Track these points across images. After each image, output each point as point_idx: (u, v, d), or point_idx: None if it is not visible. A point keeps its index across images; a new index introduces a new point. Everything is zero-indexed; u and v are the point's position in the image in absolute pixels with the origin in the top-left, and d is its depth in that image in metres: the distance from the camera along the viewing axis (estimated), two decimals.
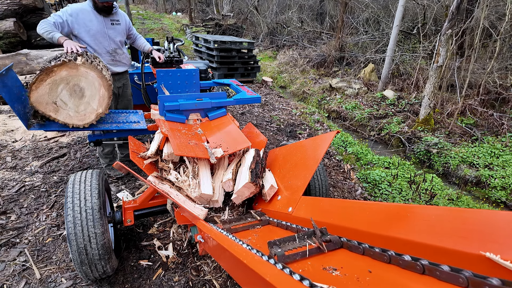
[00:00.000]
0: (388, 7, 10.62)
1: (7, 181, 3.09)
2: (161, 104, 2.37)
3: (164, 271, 2.18)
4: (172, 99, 2.44)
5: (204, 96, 2.56)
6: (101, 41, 2.82)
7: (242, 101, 2.82)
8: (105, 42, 2.85)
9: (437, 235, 0.95)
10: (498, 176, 4.64)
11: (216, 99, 2.58)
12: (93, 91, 2.33)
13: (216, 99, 2.58)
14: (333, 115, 7.33)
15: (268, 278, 0.74)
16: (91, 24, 2.73)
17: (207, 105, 2.50)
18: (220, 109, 2.60)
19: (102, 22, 2.79)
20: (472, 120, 6.30)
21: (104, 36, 2.83)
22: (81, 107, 2.34)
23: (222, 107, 2.61)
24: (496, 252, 0.80)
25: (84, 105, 2.35)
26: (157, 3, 25.21)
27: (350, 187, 3.74)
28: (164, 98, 2.43)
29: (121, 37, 2.98)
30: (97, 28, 2.77)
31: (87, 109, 2.36)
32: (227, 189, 1.99)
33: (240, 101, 2.80)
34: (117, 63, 3.00)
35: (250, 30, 14.43)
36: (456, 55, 7.25)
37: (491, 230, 0.85)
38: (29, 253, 2.26)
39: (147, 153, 2.30)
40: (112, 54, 2.93)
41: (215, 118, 2.55)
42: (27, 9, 6.51)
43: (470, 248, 0.86)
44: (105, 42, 2.85)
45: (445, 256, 0.90)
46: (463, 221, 0.93)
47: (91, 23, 2.73)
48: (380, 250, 1.00)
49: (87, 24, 2.71)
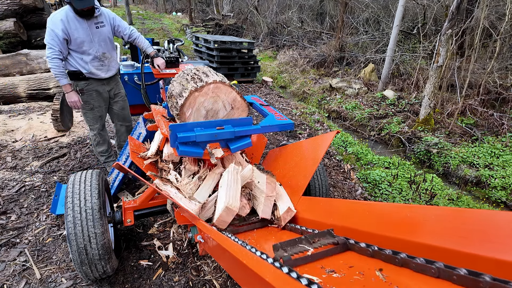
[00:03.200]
0: (388, 7, 10.62)
1: (7, 181, 3.09)
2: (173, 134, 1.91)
3: (164, 271, 2.18)
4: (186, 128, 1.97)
5: (225, 123, 2.06)
6: (88, 48, 2.69)
7: (272, 128, 2.30)
8: (92, 48, 2.72)
9: (437, 235, 0.95)
10: (498, 176, 4.64)
11: (240, 127, 2.08)
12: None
13: (240, 126, 2.09)
14: (333, 115, 7.33)
15: (267, 279, 0.74)
16: (77, 33, 2.59)
17: (229, 135, 2.04)
18: (245, 138, 2.11)
19: (86, 28, 2.65)
20: (472, 120, 6.29)
21: (91, 42, 2.69)
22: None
23: (247, 136, 2.13)
24: (496, 252, 0.79)
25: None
26: (157, 3, 25.22)
27: (350, 187, 3.74)
28: (177, 128, 1.94)
29: (108, 40, 2.85)
30: (83, 35, 2.63)
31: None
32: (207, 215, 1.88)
33: (269, 129, 2.28)
34: (105, 68, 2.87)
35: (250, 30, 14.43)
36: (456, 55, 7.25)
37: (491, 230, 0.85)
38: (29, 253, 2.26)
39: (147, 153, 2.30)
40: (100, 59, 2.80)
41: (238, 151, 2.11)
42: (27, 9, 6.52)
43: (470, 248, 0.86)
44: (92, 48, 2.72)
45: (445, 256, 0.90)
46: (463, 221, 0.93)
47: (76, 31, 2.59)
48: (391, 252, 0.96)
49: (73, 33, 2.58)
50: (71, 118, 4.38)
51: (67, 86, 2.66)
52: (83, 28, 2.63)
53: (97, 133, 3.07)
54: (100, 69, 2.83)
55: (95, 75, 2.81)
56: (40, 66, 5.71)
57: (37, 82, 5.24)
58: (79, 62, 2.71)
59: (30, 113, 4.75)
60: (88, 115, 2.97)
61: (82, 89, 2.80)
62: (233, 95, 2.12)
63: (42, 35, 6.83)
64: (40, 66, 5.71)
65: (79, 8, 2.50)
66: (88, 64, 2.74)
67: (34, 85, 5.22)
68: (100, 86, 2.91)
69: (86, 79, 2.80)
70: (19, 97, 5.18)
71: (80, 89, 2.80)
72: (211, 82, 1.99)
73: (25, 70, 5.66)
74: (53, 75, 2.63)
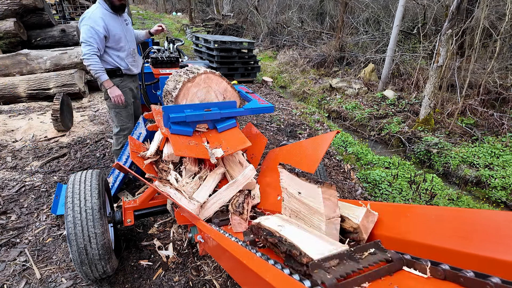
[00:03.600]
0: (388, 7, 10.62)
1: (7, 181, 3.09)
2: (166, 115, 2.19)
3: (164, 271, 2.18)
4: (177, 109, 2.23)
5: (212, 106, 2.33)
6: (124, 44, 2.72)
7: (254, 111, 2.58)
8: (126, 44, 2.76)
9: (437, 235, 0.95)
10: (498, 176, 4.64)
11: (226, 109, 2.35)
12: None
13: (225, 109, 2.35)
14: (333, 115, 7.33)
15: (267, 279, 0.74)
16: (115, 29, 2.62)
17: (216, 116, 2.29)
18: (230, 119, 2.38)
19: (120, 25, 2.69)
20: (472, 120, 6.29)
21: (125, 38, 2.73)
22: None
23: (232, 117, 2.39)
24: (496, 252, 0.79)
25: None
26: (157, 3, 25.20)
27: (350, 187, 3.74)
28: (169, 109, 2.22)
29: (133, 36, 2.94)
30: (119, 31, 2.66)
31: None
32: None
33: (251, 111, 2.55)
34: (136, 64, 2.93)
35: (250, 30, 14.43)
36: (456, 55, 7.25)
37: (491, 230, 0.85)
38: (29, 253, 2.26)
39: (146, 153, 2.30)
40: (133, 55, 2.85)
41: (224, 130, 2.34)
42: (27, 9, 6.51)
43: (470, 248, 0.85)
44: (127, 44, 2.76)
45: (445, 256, 0.89)
46: (463, 221, 0.93)
47: (114, 28, 2.61)
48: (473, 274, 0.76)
49: (112, 30, 2.60)
50: (71, 118, 4.38)
51: (108, 81, 2.65)
52: (119, 24, 2.68)
53: (128, 133, 3.01)
54: (133, 65, 2.88)
55: (130, 71, 2.84)
56: (40, 66, 5.71)
57: (37, 82, 5.24)
58: (115, 59, 2.71)
59: (30, 113, 4.75)
60: (122, 113, 2.92)
61: (117, 86, 2.79)
62: (224, 85, 2.24)
63: (42, 35, 6.83)
64: (40, 66, 5.71)
65: (119, 2, 2.55)
66: (124, 60, 2.75)
67: (34, 85, 5.22)
68: (132, 83, 2.95)
69: (121, 76, 2.79)
70: (19, 97, 5.17)
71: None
72: (202, 72, 2.10)
73: (25, 70, 5.65)
74: (93, 72, 2.58)
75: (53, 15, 7.59)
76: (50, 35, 6.86)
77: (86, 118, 4.78)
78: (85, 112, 5.02)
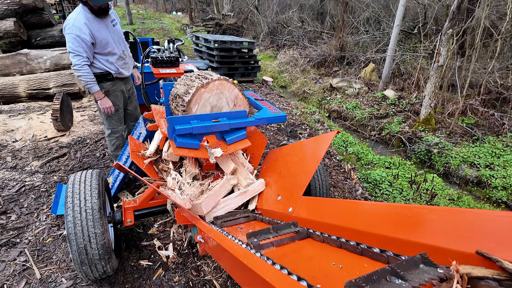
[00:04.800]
0: (388, 7, 10.61)
1: (7, 181, 3.09)
2: (171, 127, 1.99)
3: (164, 271, 2.17)
4: (183, 120, 2.06)
5: (221, 116, 2.14)
6: (112, 48, 2.64)
7: (265, 121, 2.39)
8: (115, 47, 2.67)
9: (437, 235, 0.95)
10: (499, 176, 4.63)
11: (235, 119, 2.16)
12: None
13: (235, 119, 2.16)
14: (333, 115, 7.32)
15: (267, 279, 0.74)
16: (100, 34, 2.51)
17: (225, 127, 2.11)
18: (240, 131, 2.19)
19: (106, 28, 2.59)
20: (473, 120, 6.28)
21: (113, 41, 2.65)
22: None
23: (242, 128, 2.20)
24: (496, 252, 0.79)
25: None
26: (157, 3, 25.20)
27: (351, 187, 3.73)
28: (175, 120, 2.01)
29: (123, 37, 2.87)
30: (105, 35, 2.56)
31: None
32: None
33: (262, 121, 2.37)
34: (127, 66, 2.86)
35: (250, 29, 14.42)
36: (457, 55, 7.23)
37: (491, 230, 0.85)
38: (29, 253, 2.26)
39: (146, 153, 2.30)
40: (122, 57, 2.77)
41: (233, 142, 2.17)
42: (27, 9, 6.52)
43: (470, 248, 0.85)
44: (115, 47, 2.68)
45: (445, 256, 0.89)
46: (463, 221, 0.93)
47: (99, 32, 2.50)
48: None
49: (98, 35, 2.50)
50: (71, 118, 4.38)
51: (99, 93, 2.60)
52: (104, 28, 2.56)
53: (119, 135, 2.99)
54: (123, 68, 2.80)
55: (121, 75, 2.77)
56: (40, 66, 5.71)
57: (37, 82, 5.24)
58: (105, 64, 2.64)
59: (30, 113, 4.75)
60: (113, 117, 2.88)
61: (108, 90, 2.73)
62: (236, 92, 2.19)
63: (42, 35, 6.83)
64: (40, 66, 5.71)
65: (98, 4, 2.39)
66: (114, 64, 2.69)
67: (34, 85, 5.22)
68: (123, 86, 2.89)
69: (112, 79, 2.74)
70: (19, 97, 5.18)
71: (106, 91, 2.73)
72: (216, 78, 2.08)
73: (25, 70, 5.66)
74: (83, 83, 2.52)
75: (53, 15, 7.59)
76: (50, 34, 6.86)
77: (86, 118, 4.78)
78: (85, 112, 5.02)
